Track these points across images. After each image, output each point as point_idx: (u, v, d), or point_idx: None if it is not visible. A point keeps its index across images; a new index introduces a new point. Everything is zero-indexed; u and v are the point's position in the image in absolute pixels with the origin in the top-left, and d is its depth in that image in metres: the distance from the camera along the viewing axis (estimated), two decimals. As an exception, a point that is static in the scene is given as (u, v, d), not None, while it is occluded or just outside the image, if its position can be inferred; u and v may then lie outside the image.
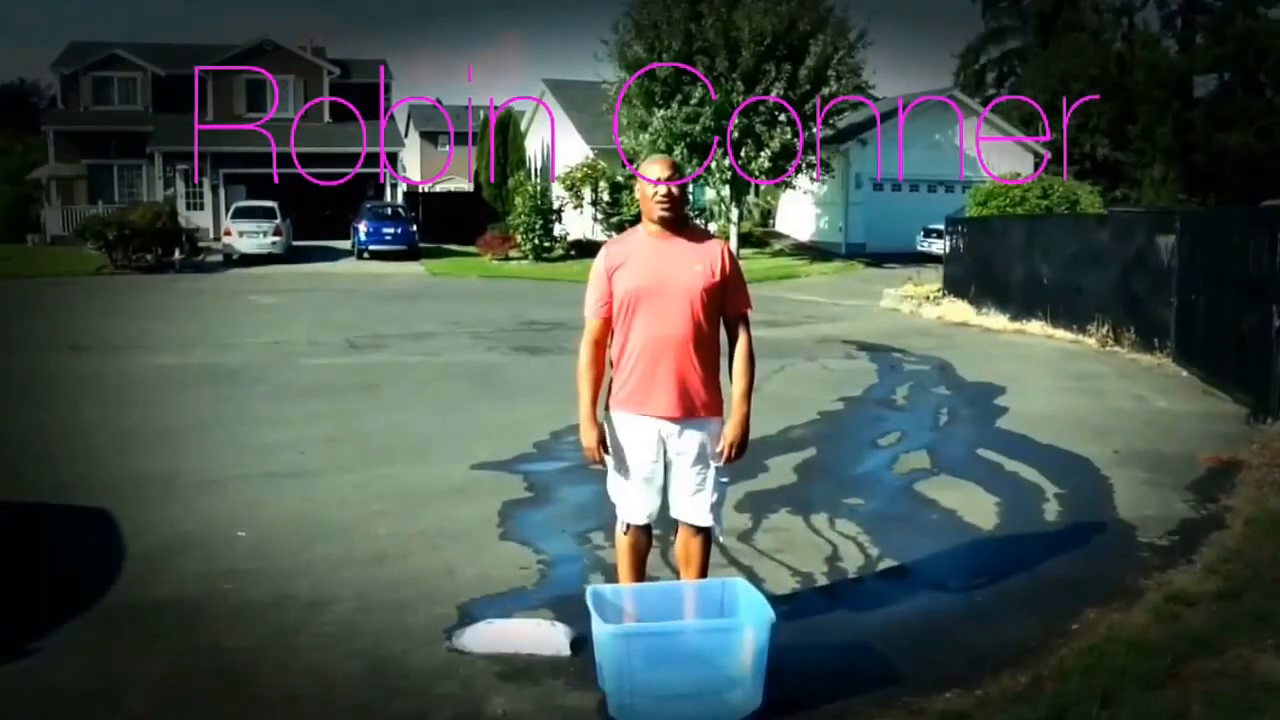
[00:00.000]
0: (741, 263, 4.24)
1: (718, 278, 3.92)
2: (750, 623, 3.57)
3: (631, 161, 25.80)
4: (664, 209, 3.92)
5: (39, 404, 9.27)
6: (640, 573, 4.13)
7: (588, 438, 3.95)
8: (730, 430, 3.95)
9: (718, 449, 3.97)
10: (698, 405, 3.92)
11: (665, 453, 3.96)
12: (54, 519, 5.83)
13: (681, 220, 4.00)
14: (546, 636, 4.12)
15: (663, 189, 3.91)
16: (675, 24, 25.13)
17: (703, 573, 4.10)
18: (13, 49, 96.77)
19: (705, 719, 3.56)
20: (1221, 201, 38.11)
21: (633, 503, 4.00)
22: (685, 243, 3.97)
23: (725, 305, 3.99)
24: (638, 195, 4.04)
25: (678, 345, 3.87)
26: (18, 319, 16.37)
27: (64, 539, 5.52)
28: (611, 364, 4.01)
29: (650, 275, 3.89)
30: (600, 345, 4.01)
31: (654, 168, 3.98)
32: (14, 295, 19.71)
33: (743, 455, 4.01)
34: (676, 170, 3.99)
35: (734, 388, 3.99)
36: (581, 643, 4.00)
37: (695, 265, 3.91)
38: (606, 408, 4.02)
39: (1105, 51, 46.10)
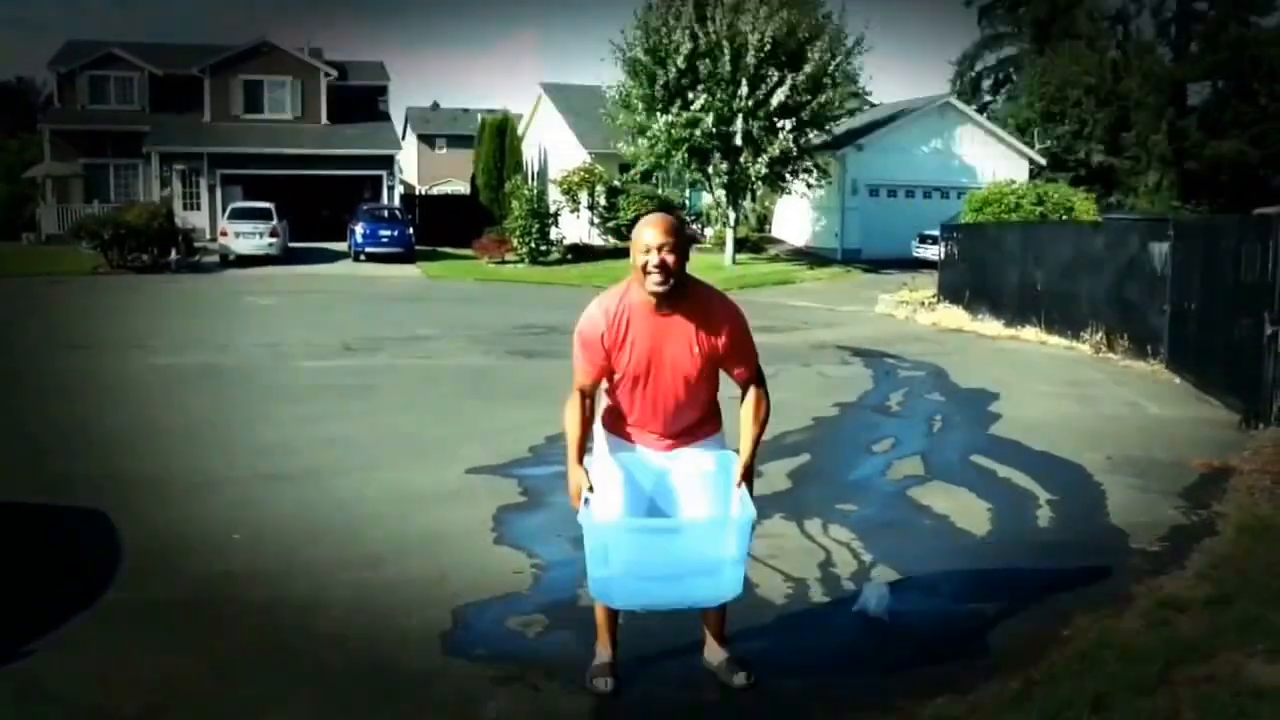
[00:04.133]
0: (737, 268, 4.18)
1: (721, 352, 3.59)
2: (735, 515, 3.54)
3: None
4: (657, 284, 3.42)
5: (34, 404, 9.26)
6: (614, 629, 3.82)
7: (575, 479, 3.62)
8: (736, 475, 3.63)
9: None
10: (696, 438, 3.74)
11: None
12: (49, 519, 5.83)
13: (680, 288, 3.48)
14: None
15: (655, 258, 3.38)
16: (683, 25, 25.12)
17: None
18: (9, 46, 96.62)
19: (688, 601, 3.55)
20: (1215, 208, 38.15)
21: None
22: (686, 322, 3.51)
23: (731, 370, 3.68)
24: (632, 262, 3.52)
25: (676, 404, 3.65)
26: (13, 318, 16.33)
27: (59, 539, 5.52)
28: (607, 393, 3.78)
29: (646, 361, 3.54)
30: (587, 395, 3.66)
31: (647, 231, 3.43)
32: (9, 294, 19.66)
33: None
34: (675, 233, 3.43)
35: (742, 438, 3.67)
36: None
37: (695, 348, 3.54)
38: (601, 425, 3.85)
39: (1101, 59, 46.19)
